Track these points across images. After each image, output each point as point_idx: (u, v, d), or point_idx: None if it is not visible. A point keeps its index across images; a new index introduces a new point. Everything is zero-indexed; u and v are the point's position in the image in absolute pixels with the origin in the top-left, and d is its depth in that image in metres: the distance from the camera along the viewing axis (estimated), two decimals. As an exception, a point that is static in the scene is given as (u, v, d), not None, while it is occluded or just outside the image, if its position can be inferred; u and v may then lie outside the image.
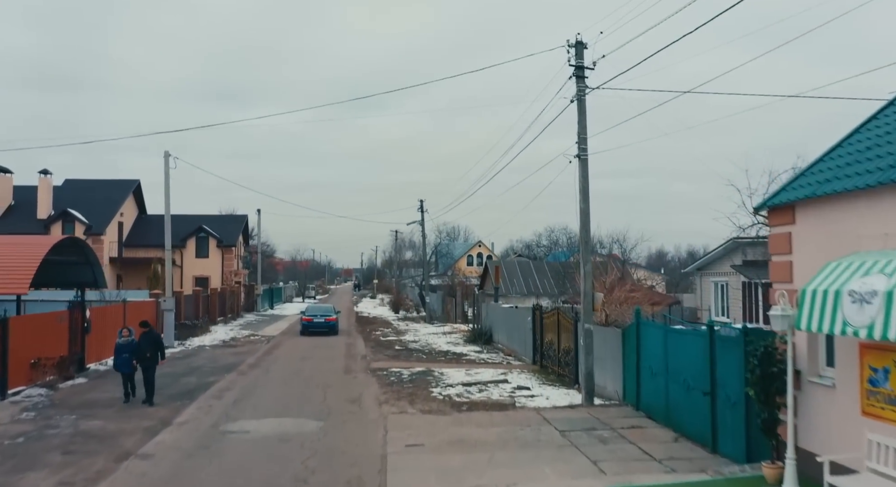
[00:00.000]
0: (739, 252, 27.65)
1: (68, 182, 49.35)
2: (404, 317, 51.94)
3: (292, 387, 18.85)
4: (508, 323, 29.15)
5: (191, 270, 49.45)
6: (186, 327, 31.91)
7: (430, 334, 36.50)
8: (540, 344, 23.42)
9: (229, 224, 53.15)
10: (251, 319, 47.29)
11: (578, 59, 16.19)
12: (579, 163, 16.01)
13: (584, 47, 16.28)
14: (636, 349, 15.15)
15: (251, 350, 28.58)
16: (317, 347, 29.65)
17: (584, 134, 16.13)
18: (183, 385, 19.32)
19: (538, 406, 15.65)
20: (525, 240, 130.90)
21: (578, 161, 16.02)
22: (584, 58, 16.23)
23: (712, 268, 30.46)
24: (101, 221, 44.78)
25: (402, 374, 21.30)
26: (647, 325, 14.78)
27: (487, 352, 27.93)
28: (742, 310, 27.31)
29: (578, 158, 16.01)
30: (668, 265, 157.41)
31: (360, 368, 22.92)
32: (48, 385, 18.40)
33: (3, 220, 44.19)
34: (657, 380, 13.98)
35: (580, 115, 16.05)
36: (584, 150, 15.99)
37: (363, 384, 19.59)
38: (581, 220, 16.06)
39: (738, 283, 27.69)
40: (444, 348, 29.31)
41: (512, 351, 27.64)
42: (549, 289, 46.94)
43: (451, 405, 15.94)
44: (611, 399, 16.71)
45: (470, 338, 32.76)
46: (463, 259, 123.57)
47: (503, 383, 19.12)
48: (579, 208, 16.16)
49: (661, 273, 69.87)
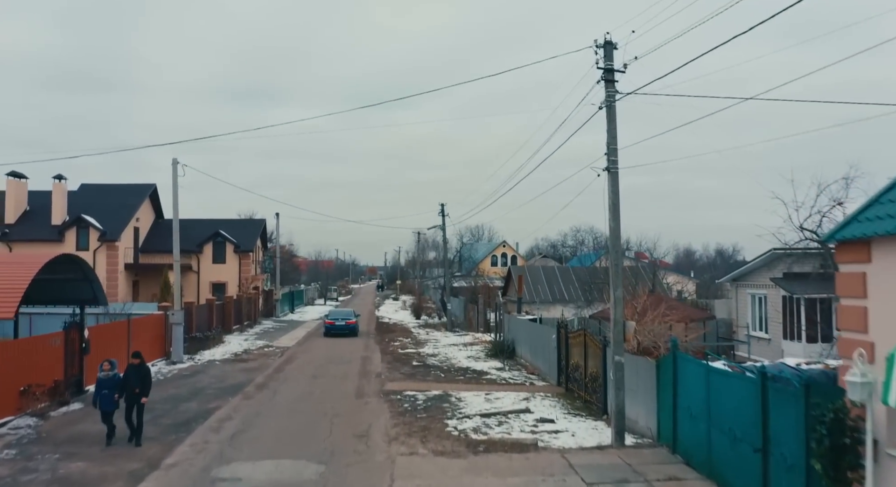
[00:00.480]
0: (780, 263, 25.84)
1: (84, 186, 48.69)
2: (425, 324, 50.59)
3: (298, 417, 17.53)
4: (532, 338, 27.63)
5: (207, 276, 48.56)
6: (197, 340, 30.81)
7: (451, 345, 35.07)
8: (565, 366, 21.88)
9: (247, 228, 52.18)
10: (268, 326, 46.23)
11: (607, 61, 14.62)
12: (609, 176, 14.45)
13: (613, 48, 14.71)
14: (672, 384, 13.58)
15: (262, 365, 27.37)
16: (331, 362, 28.37)
17: (613, 144, 14.56)
18: (182, 412, 18.10)
19: (563, 448, 14.13)
20: (550, 240, 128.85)
21: (608, 174, 14.46)
22: (613, 60, 14.66)
23: (749, 279, 28.65)
24: (115, 227, 43.98)
25: (417, 399, 19.88)
26: (685, 360, 13.19)
27: (509, 369, 26.42)
28: (782, 326, 25.52)
29: (608, 171, 14.45)
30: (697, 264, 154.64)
31: (373, 390, 21.55)
32: (39, 413, 17.29)
33: (19, 227, 43.63)
34: (697, 424, 12.41)
35: (609, 124, 14.48)
36: (613, 163, 14.42)
37: (374, 412, 18.20)
38: (611, 241, 14.51)
39: (778, 296, 25.88)
40: (463, 364, 27.86)
41: (535, 368, 26.12)
42: (575, 296, 45.32)
43: (467, 444, 14.48)
44: (643, 435, 15.17)
45: (491, 352, 31.28)
46: (487, 259, 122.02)
47: (525, 413, 17.61)
48: (609, 226, 14.60)
49: (691, 276, 67.67)
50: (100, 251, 43.17)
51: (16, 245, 42.66)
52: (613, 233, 14.41)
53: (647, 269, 45.28)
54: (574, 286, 46.21)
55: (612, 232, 14.41)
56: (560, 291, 46.16)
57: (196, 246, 48.37)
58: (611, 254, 14.34)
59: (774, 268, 26.29)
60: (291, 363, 28.20)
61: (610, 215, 14.28)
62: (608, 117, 14.48)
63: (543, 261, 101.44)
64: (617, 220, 14.35)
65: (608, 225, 14.48)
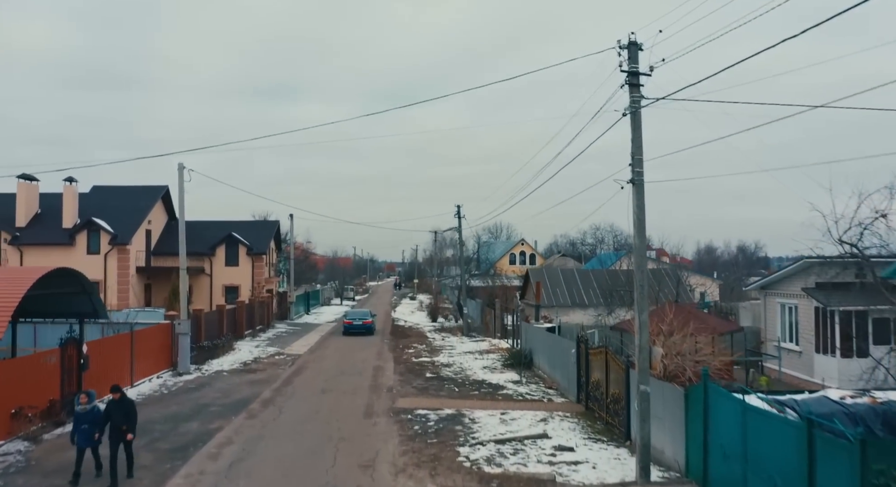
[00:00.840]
0: (813, 272, 24.48)
1: (96, 189, 48.18)
2: (441, 328, 49.57)
3: (302, 441, 16.58)
4: (550, 349, 26.50)
5: (220, 279, 47.90)
6: (205, 349, 30.00)
7: (466, 353, 34.02)
8: (585, 382, 20.76)
9: (260, 230, 51.44)
10: (282, 330, 45.47)
11: (632, 64, 13.45)
12: (633, 189, 13.29)
13: (638, 49, 13.53)
14: (703, 416, 12.44)
15: (271, 376, 26.50)
16: (342, 373, 27.44)
17: (638, 154, 13.40)
18: (181, 434, 17.23)
19: (584, 484, 13.04)
20: (570, 237, 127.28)
21: (633, 186, 13.30)
22: (638, 62, 13.48)
23: (779, 288, 27.29)
24: (127, 230, 43.41)
25: (429, 420, 18.85)
26: (718, 394, 12.03)
27: (526, 382, 25.33)
28: (814, 339, 24.18)
29: (633, 183, 13.30)
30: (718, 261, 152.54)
31: (384, 408, 20.56)
32: (32, 436, 16.50)
33: (30, 230, 43.19)
34: (732, 466, 11.27)
35: (634, 132, 13.32)
36: (639, 174, 13.26)
37: (383, 435, 17.20)
38: (636, 260, 13.35)
39: (810, 307, 24.54)
40: (479, 376, 26.81)
41: (553, 381, 25.02)
42: (595, 301, 44.00)
43: (479, 478, 13.42)
44: (669, 468, 14.04)
45: (508, 361, 30.20)
46: (505, 257, 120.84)
47: (542, 439, 16.52)
48: (634, 244, 13.47)
49: (714, 277, 66.09)
50: (111, 254, 42.60)
51: (26, 249, 42.24)
52: (639, 252, 13.26)
53: (671, 273, 43.92)
54: (594, 290, 44.92)
55: (637, 250, 13.27)
56: (579, 295, 44.87)
57: (208, 248, 47.72)
58: (636, 276, 13.18)
59: (807, 277, 24.94)
60: (301, 374, 27.31)
61: (635, 231, 13.14)
62: (633, 125, 13.33)
63: (562, 261, 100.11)
64: (642, 237, 13.21)
65: (633, 242, 13.35)
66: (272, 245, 52.33)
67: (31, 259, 42.14)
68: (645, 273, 13.25)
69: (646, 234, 13.37)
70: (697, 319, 22.85)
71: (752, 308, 51.01)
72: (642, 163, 13.49)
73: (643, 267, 13.16)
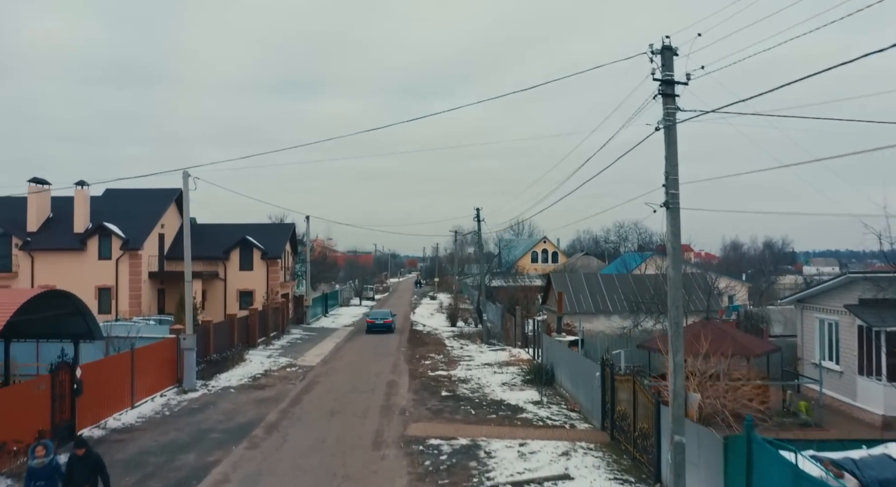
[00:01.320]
0: (856, 288, 22.77)
1: (109, 192, 47.41)
2: (460, 334, 48.22)
3: (303, 480, 15.34)
4: (572, 366, 25.06)
5: (235, 284, 46.99)
6: (213, 363, 28.97)
7: (485, 365, 32.65)
8: (610, 409, 19.28)
9: (275, 233, 50.41)
10: (297, 337, 44.44)
11: (666, 72, 11.97)
12: (668, 214, 11.83)
13: (673, 54, 12.04)
14: (746, 473, 10.97)
15: (280, 393, 25.36)
16: (354, 390, 26.21)
17: (673, 173, 11.93)
18: (175, 469, 16.07)
19: (610, 545, 11.64)
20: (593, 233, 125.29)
21: (667, 211, 11.83)
22: (673, 69, 12.00)
23: (818, 302, 25.57)
24: (139, 235, 42.57)
25: (441, 452, 17.52)
26: (763, 451, 10.55)
27: (547, 403, 23.91)
28: (857, 360, 22.48)
29: (667, 207, 11.83)
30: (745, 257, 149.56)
31: (394, 436, 19.24)
32: (16, 473, 15.41)
33: (41, 235, 42.51)
34: (782, 537, 9.80)
35: (668, 148, 11.84)
36: (674, 197, 11.79)
37: (389, 473, 15.90)
38: (671, 294, 11.87)
39: (853, 325, 22.84)
40: (497, 394, 25.43)
41: (576, 402, 23.58)
42: (620, 307, 42.42)
43: (494, 536, 12.07)
44: (706, 521, 12.57)
45: (528, 376, 28.80)
46: (527, 256, 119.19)
47: (564, 481, 15.12)
48: (669, 275, 11.99)
49: (742, 279, 64.05)
50: (122, 260, 41.78)
51: (37, 254, 41.56)
52: (674, 285, 11.77)
53: (701, 280, 42.17)
54: (618, 296, 43.28)
55: (673, 283, 11.78)
56: (603, 301, 43.26)
57: (223, 252, 46.82)
58: (670, 312, 11.70)
59: (849, 293, 23.22)
60: (311, 390, 26.13)
61: (671, 262, 11.67)
62: (666, 141, 11.85)
63: (585, 260, 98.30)
64: (678, 268, 11.74)
65: (668, 273, 11.87)
66: (288, 248, 51.29)
67: (42, 264, 41.49)
68: (680, 309, 11.77)
69: (681, 264, 11.91)
70: (732, 340, 21.34)
71: (782, 314, 49.07)
72: (678, 183, 12.01)
73: (678, 302, 11.68)
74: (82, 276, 41.22)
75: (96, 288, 41.47)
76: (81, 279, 41.17)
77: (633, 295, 43.16)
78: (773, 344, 22.82)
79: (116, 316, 41.06)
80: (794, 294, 27.79)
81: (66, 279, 41.03)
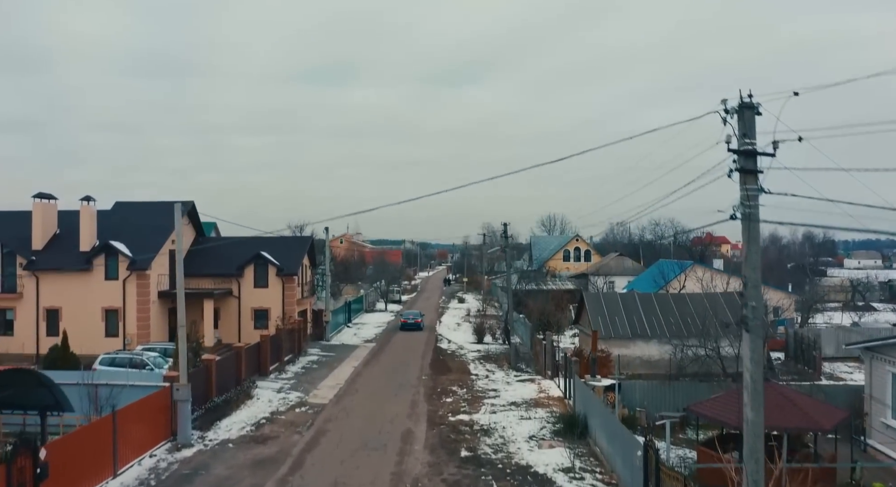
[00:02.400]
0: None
1: (118, 205, 45.45)
2: (486, 355, 45.39)
3: None
4: (608, 427, 22.17)
5: (249, 302, 44.74)
6: (213, 409, 26.61)
7: (511, 406, 29.86)
8: (655, 499, 16.39)
9: (292, 247, 47.92)
10: (313, 358, 42.12)
11: (745, 139, 9.00)
12: (748, 336, 8.86)
13: (755, 114, 9.06)
14: None
15: (283, 450, 22.88)
16: (365, 446, 23.63)
17: (755, 276, 8.96)
18: None
19: None
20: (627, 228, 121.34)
21: (747, 335, 8.85)
22: (755, 134, 9.02)
23: (890, 354, 22.36)
24: (148, 252, 40.43)
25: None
26: None
27: (580, 470, 21.10)
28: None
29: (745, 327, 8.86)
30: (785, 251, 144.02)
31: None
32: None
33: (46, 254, 40.63)
34: None
35: (748, 247, 8.89)
36: (755, 311, 8.81)
37: None
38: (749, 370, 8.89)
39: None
40: (524, 455, 22.66)
41: (612, 470, 20.72)
42: (659, 331, 39.37)
43: None
44: None
45: (559, 425, 25.99)
46: (559, 254, 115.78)
47: None
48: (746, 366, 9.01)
49: (789, 290, 60.26)
50: (130, 280, 39.72)
51: (42, 274, 39.68)
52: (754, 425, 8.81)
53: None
54: (657, 318, 40.15)
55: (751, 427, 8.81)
56: (640, 324, 40.14)
57: (236, 269, 44.60)
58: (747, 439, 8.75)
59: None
60: (317, 445, 23.61)
61: (748, 401, 8.70)
62: (745, 235, 8.90)
63: (619, 260, 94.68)
64: (758, 413, 8.78)
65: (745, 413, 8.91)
66: (306, 261, 48.88)
67: (48, 285, 39.61)
68: (761, 418, 8.81)
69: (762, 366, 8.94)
70: (796, 410, 18.33)
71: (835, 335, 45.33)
72: (759, 284, 9.04)
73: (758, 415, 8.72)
74: (89, 297, 39.32)
75: (103, 309, 39.52)
76: (88, 300, 39.31)
77: (674, 318, 40.03)
78: (843, 412, 19.67)
79: (124, 341, 39.12)
80: (863, 342, 24.47)
81: (72, 301, 39.29)
